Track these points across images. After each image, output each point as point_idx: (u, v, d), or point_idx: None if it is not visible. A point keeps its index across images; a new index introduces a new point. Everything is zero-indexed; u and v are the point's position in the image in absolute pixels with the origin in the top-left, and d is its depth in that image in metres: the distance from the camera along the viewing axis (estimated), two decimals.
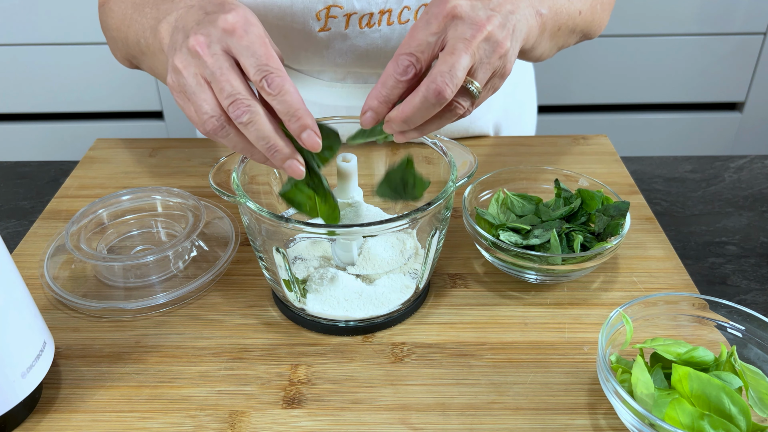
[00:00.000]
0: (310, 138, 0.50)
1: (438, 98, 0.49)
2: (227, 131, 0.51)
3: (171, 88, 0.53)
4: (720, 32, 1.78)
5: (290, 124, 0.49)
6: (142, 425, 0.50)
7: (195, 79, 0.50)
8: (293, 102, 0.49)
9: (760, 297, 0.64)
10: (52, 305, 0.61)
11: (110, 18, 0.72)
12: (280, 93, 0.49)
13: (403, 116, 0.50)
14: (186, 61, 0.51)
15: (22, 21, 1.72)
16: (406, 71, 0.50)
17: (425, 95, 0.49)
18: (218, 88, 0.49)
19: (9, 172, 0.84)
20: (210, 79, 0.50)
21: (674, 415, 0.45)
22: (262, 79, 0.49)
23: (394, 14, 0.72)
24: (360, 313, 0.58)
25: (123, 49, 0.72)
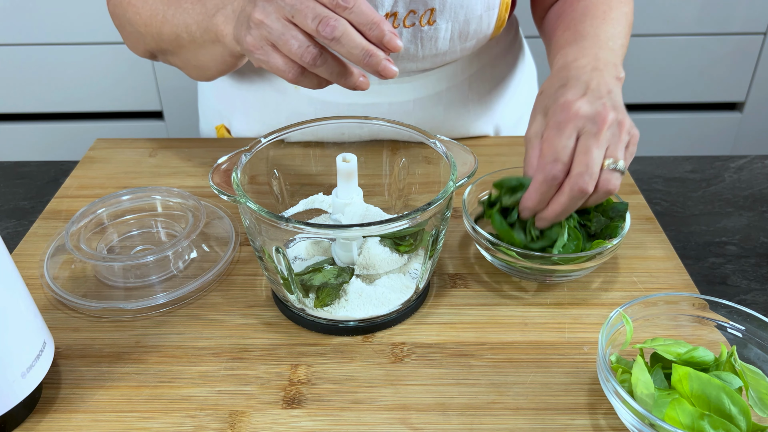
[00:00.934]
0: (392, 41, 0.53)
1: (582, 194, 0.56)
2: (324, 57, 0.53)
3: (252, 46, 0.56)
4: (720, 32, 1.78)
5: (371, 31, 0.52)
6: (142, 425, 0.50)
7: (279, 22, 0.53)
8: (369, 12, 0.52)
9: (760, 297, 0.64)
10: (52, 305, 0.61)
11: (133, 14, 0.74)
12: (355, 5, 0.52)
13: (554, 214, 0.58)
14: (265, 10, 0.54)
15: (22, 21, 1.72)
16: (555, 177, 0.57)
17: (570, 195, 0.57)
18: (303, 17, 0.52)
19: (9, 172, 0.84)
20: (292, 14, 0.52)
21: (674, 415, 0.45)
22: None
23: (400, 18, 0.72)
24: (360, 313, 0.57)
25: (151, 43, 0.74)
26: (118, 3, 0.76)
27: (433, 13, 0.72)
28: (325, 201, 0.67)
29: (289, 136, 0.63)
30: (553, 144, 0.57)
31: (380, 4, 0.71)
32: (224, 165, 0.58)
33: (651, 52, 1.80)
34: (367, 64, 0.53)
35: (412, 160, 0.67)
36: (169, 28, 0.70)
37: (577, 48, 0.67)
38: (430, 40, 0.75)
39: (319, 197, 0.67)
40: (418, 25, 0.73)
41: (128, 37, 0.78)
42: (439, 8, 0.72)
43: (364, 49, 0.52)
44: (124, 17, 0.76)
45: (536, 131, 0.61)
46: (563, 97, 0.59)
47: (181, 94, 1.82)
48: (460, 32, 0.75)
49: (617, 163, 0.58)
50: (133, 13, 0.74)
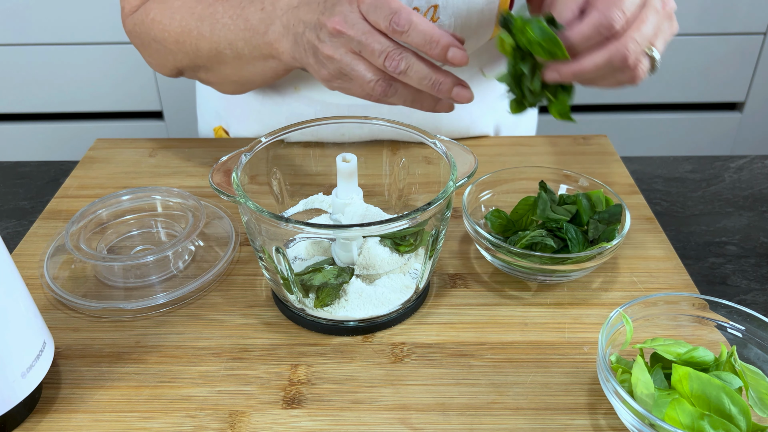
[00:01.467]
0: (456, 55, 0.52)
1: (621, 62, 0.50)
2: (395, 88, 0.55)
3: (328, 80, 0.57)
4: (720, 32, 1.78)
5: (432, 50, 0.52)
6: (142, 425, 0.50)
7: (348, 56, 0.55)
8: (427, 29, 0.52)
9: (760, 297, 0.64)
10: (52, 305, 0.61)
11: (159, 31, 0.72)
12: (411, 26, 0.52)
13: (580, 71, 0.51)
14: (334, 45, 0.55)
15: (22, 21, 1.72)
16: (611, 25, 0.50)
17: (610, 58, 0.50)
18: (369, 51, 0.53)
19: (9, 172, 0.84)
20: (359, 48, 0.54)
21: (674, 415, 0.45)
22: (390, 23, 0.52)
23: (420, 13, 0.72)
24: (360, 313, 0.58)
25: (184, 60, 0.73)
26: (140, 21, 0.74)
27: (437, 10, 0.72)
28: (325, 201, 0.67)
29: (288, 136, 0.63)
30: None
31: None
32: (224, 165, 0.58)
33: None
34: (438, 92, 0.53)
35: (412, 160, 0.67)
36: (207, 44, 0.69)
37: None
38: None
39: (319, 197, 0.67)
40: None
41: (153, 55, 0.76)
42: (442, 4, 0.72)
43: (432, 79, 0.53)
44: (149, 35, 0.74)
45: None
46: None
47: (181, 94, 1.82)
48: (462, 28, 0.75)
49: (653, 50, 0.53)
50: (159, 30, 0.72)
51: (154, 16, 0.73)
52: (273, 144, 0.62)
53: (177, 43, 0.71)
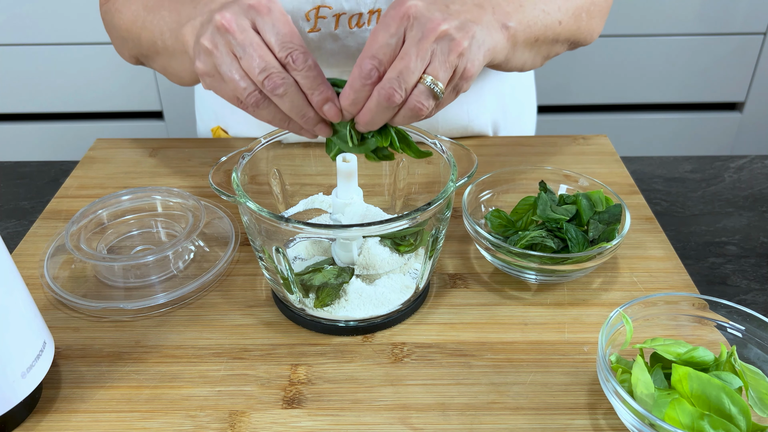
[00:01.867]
0: (331, 109, 0.53)
1: (389, 102, 0.51)
2: (267, 103, 0.53)
3: (202, 73, 0.55)
4: (720, 32, 1.78)
5: (313, 97, 0.53)
6: (142, 425, 0.50)
7: (228, 56, 0.53)
8: (315, 76, 0.52)
9: (760, 297, 0.64)
10: (52, 305, 0.61)
11: (117, 18, 0.74)
12: (304, 68, 0.52)
13: (365, 120, 0.53)
14: (215, 40, 0.53)
15: (22, 21, 1.72)
16: (369, 75, 0.51)
17: (378, 100, 0.51)
18: (249, 62, 0.52)
19: (9, 172, 0.84)
20: (241, 55, 0.52)
21: (674, 415, 0.45)
22: (288, 56, 0.52)
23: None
24: (360, 313, 0.58)
25: (133, 49, 0.74)
26: (108, 9, 0.77)
27: None
28: (325, 201, 0.67)
29: (288, 136, 0.63)
30: (375, 39, 0.52)
31: (362, 1, 0.70)
32: (224, 165, 0.58)
33: (651, 52, 1.80)
34: (303, 124, 0.54)
35: (412, 160, 0.66)
36: (146, 34, 0.69)
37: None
38: None
39: (319, 197, 0.67)
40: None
41: (114, 42, 0.78)
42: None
43: (302, 112, 0.53)
44: (111, 22, 0.76)
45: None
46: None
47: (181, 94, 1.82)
48: None
49: (436, 83, 0.51)
50: (118, 18, 0.74)
51: (118, 6, 0.74)
52: (273, 144, 0.62)
53: (127, 31, 0.73)
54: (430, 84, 0.51)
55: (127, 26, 0.72)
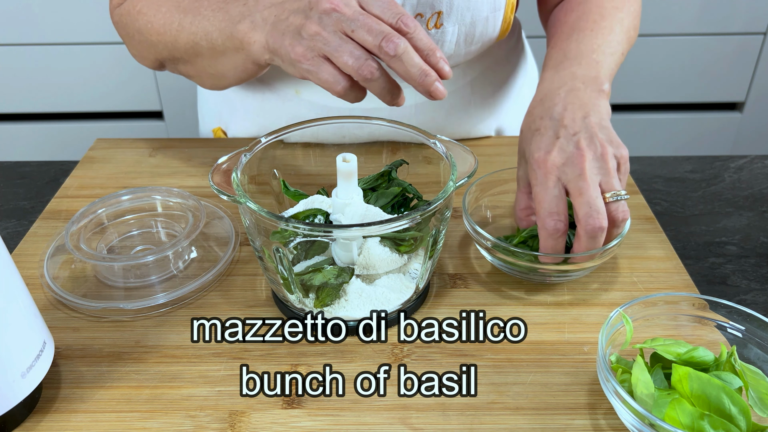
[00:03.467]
0: (444, 68, 0.56)
1: (600, 231, 0.56)
2: (380, 72, 0.55)
3: (302, 56, 0.56)
4: (720, 32, 1.78)
5: (429, 57, 0.55)
6: (142, 425, 0.50)
7: (336, 35, 0.55)
8: (427, 38, 0.55)
9: (760, 297, 0.64)
10: (52, 305, 0.61)
11: (144, 23, 0.73)
12: (416, 30, 0.55)
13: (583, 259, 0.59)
14: (322, 23, 0.55)
15: (22, 21, 1.72)
16: (557, 229, 0.58)
17: (588, 236, 0.57)
18: (364, 32, 0.54)
19: (9, 172, 0.84)
20: (353, 28, 0.54)
21: (674, 415, 0.45)
22: (398, 21, 0.55)
23: None
24: (360, 313, 0.57)
25: (164, 52, 0.73)
26: (126, 12, 0.75)
27: (440, 17, 0.72)
28: (325, 201, 0.67)
29: (288, 137, 0.63)
30: (542, 200, 0.58)
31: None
32: (224, 165, 0.58)
33: (651, 52, 1.80)
34: (421, 83, 0.55)
35: (412, 161, 0.67)
36: (185, 36, 0.69)
37: (554, 71, 0.67)
38: (437, 44, 0.74)
39: (319, 197, 0.67)
40: (425, 28, 0.73)
41: (136, 47, 0.76)
42: (446, 11, 0.72)
43: (422, 69, 0.54)
44: (133, 27, 0.74)
45: (521, 176, 0.64)
46: (537, 152, 0.59)
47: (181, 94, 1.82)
48: (466, 35, 0.75)
49: (618, 193, 0.58)
50: (144, 22, 0.72)
51: (141, 8, 0.73)
52: (273, 144, 0.62)
53: (159, 34, 0.72)
54: (613, 198, 0.57)
55: (158, 30, 0.71)
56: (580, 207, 0.57)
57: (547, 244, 0.59)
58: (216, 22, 0.65)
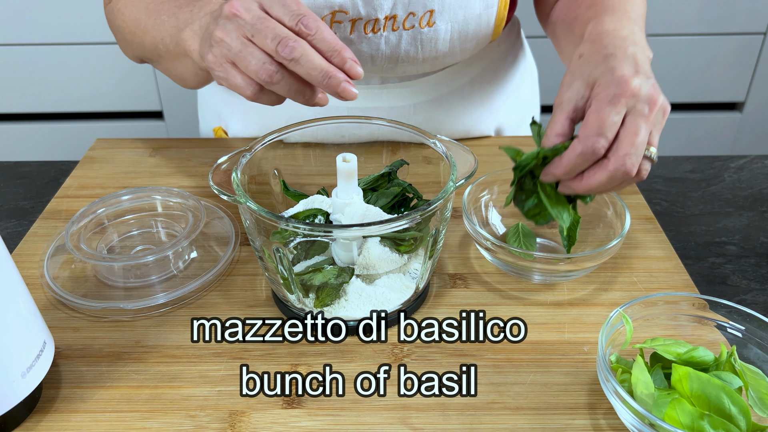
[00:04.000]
0: (353, 68, 0.54)
1: (625, 176, 0.54)
2: (281, 75, 0.54)
3: (213, 64, 0.56)
4: (720, 32, 1.78)
5: (333, 58, 0.53)
6: (142, 425, 0.50)
7: (238, 40, 0.54)
8: (331, 38, 0.53)
9: (760, 297, 0.64)
10: (52, 305, 0.61)
11: (121, 21, 0.75)
12: (317, 31, 0.53)
13: (588, 188, 0.56)
14: (225, 29, 0.55)
15: (22, 21, 1.72)
16: (595, 152, 0.54)
17: (613, 174, 0.54)
18: (262, 36, 0.53)
19: (9, 172, 0.84)
20: (252, 33, 0.53)
21: (674, 415, 0.45)
22: (298, 23, 0.53)
23: (399, 20, 0.72)
24: (360, 313, 0.58)
25: (137, 51, 0.75)
26: (111, 9, 0.78)
27: (433, 15, 0.72)
28: (325, 201, 0.67)
29: (288, 137, 0.63)
30: (601, 117, 0.54)
31: (379, 7, 0.70)
32: (224, 165, 0.58)
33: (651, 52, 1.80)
34: (326, 85, 0.53)
35: (412, 160, 0.67)
36: (149, 38, 0.70)
37: (614, 18, 0.63)
38: (430, 42, 0.74)
39: (319, 197, 0.67)
40: (417, 27, 0.73)
41: (119, 43, 0.79)
42: (438, 9, 0.72)
43: (323, 71, 0.53)
44: (114, 24, 0.77)
45: (571, 98, 0.58)
46: (619, 71, 0.55)
47: (181, 94, 1.82)
48: (459, 33, 0.75)
49: (651, 151, 0.55)
50: (121, 20, 0.75)
51: (120, 6, 0.75)
52: (273, 144, 0.62)
53: (131, 33, 0.74)
54: (650, 155, 0.55)
55: (130, 29, 0.73)
56: (628, 144, 0.54)
57: (574, 162, 0.55)
58: (168, 27, 0.67)
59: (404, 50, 0.75)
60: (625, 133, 0.54)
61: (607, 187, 0.56)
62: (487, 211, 0.70)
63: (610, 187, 0.56)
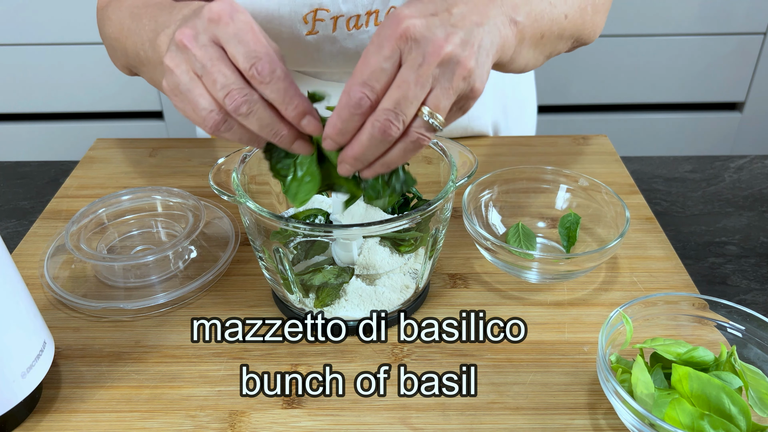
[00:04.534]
0: (310, 124, 0.48)
1: (384, 136, 0.46)
2: (230, 124, 0.49)
3: (166, 91, 0.51)
4: (720, 32, 1.78)
5: (287, 111, 0.47)
6: (142, 425, 0.50)
7: (187, 75, 0.48)
8: (286, 88, 0.47)
9: (760, 297, 0.64)
10: (52, 305, 0.61)
11: (108, 27, 0.72)
12: (271, 80, 0.46)
13: (354, 154, 0.48)
14: (176, 59, 0.49)
15: (22, 21, 1.72)
16: (359, 104, 0.46)
17: (371, 133, 0.46)
18: (210, 81, 0.47)
19: (9, 172, 0.84)
20: (201, 73, 0.48)
21: (674, 415, 0.45)
22: (252, 67, 0.46)
23: (381, 15, 0.71)
24: (360, 313, 0.58)
25: (122, 58, 0.71)
26: (101, 17, 0.75)
27: None
28: (325, 201, 0.67)
29: None
30: (367, 62, 0.46)
31: (359, 3, 0.70)
32: (224, 165, 0.58)
33: (651, 52, 1.80)
34: (278, 142, 0.49)
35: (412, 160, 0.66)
36: (130, 43, 0.66)
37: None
38: None
39: (319, 197, 0.67)
40: None
41: (108, 51, 0.75)
42: None
43: (274, 130, 0.48)
44: (103, 31, 0.74)
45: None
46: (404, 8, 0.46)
47: None
48: None
49: (435, 116, 0.46)
50: (108, 26, 0.72)
51: (109, 12, 0.72)
52: None
53: (116, 40, 0.70)
54: (428, 118, 0.46)
55: (115, 35, 0.70)
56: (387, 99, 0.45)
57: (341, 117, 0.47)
58: (148, 31, 0.62)
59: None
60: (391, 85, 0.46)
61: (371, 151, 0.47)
62: (487, 211, 0.70)
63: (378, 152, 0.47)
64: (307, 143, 0.50)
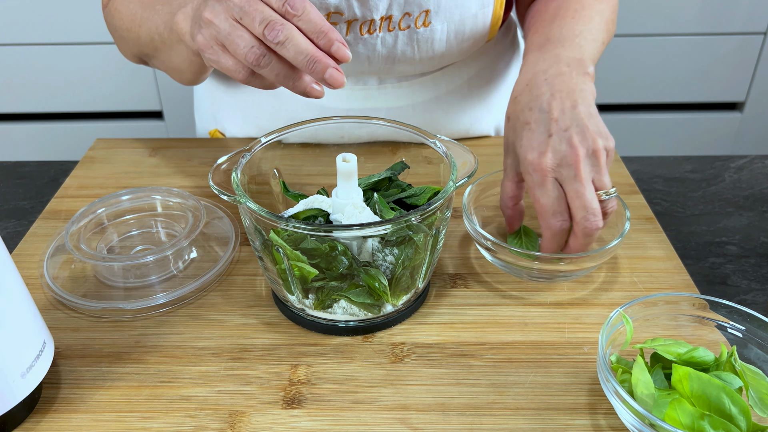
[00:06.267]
0: (340, 50, 0.52)
1: (595, 232, 0.58)
2: (269, 59, 0.53)
3: (203, 45, 0.55)
4: (720, 32, 1.78)
5: (319, 40, 0.52)
6: (142, 425, 0.50)
7: (227, 22, 0.53)
8: (318, 20, 0.52)
9: (760, 297, 0.64)
10: (52, 305, 0.61)
11: (117, 19, 0.75)
12: (304, 12, 0.52)
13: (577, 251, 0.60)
14: (214, 10, 0.54)
15: (22, 21, 1.72)
16: (562, 229, 0.59)
17: (585, 236, 0.58)
18: (250, 19, 0.52)
19: (9, 172, 0.84)
20: (240, 15, 0.52)
21: (674, 415, 0.45)
22: (284, 4, 0.52)
23: (395, 21, 0.72)
24: (360, 313, 0.57)
25: (135, 48, 0.75)
26: (108, 11, 0.78)
27: (428, 15, 0.72)
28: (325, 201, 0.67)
29: (288, 137, 0.63)
30: (545, 203, 0.58)
31: (374, 8, 0.70)
32: (224, 165, 0.58)
33: (651, 52, 1.80)
34: (312, 71, 0.52)
35: (412, 160, 0.66)
36: (144, 31, 0.70)
37: (538, 53, 0.66)
38: (427, 42, 0.74)
39: (319, 197, 0.67)
40: (413, 27, 0.73)
41: (117, 43, 0.79)
42: (434, 9, 0.72)
43: (309, 56, 0.51)
44: (112, 24, 0.77)
45: (509, 165, 0.63)
46: (530, 153, 0.59)
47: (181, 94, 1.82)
48: (456, 32, 0.75)
49: (609, 191, 0.59)
50: (118, 19, 0.75)
51: (117, 5, 0.75)
52: (272, 144, 0.62)
53: (127, 30, 0.73)
54: (606, 196, 0.59)
55: (126, 26, 0.73)
56: (577, 210, 0.57)
57: (553, 243, 0.60)
58: (163, 14, 0.66)
59: (401, 50, 0.74)
60: (570, 201, 0.58)
61: (590, 243, 0.59)
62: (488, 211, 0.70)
63: (593, 241, 0.59)
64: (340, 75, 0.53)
